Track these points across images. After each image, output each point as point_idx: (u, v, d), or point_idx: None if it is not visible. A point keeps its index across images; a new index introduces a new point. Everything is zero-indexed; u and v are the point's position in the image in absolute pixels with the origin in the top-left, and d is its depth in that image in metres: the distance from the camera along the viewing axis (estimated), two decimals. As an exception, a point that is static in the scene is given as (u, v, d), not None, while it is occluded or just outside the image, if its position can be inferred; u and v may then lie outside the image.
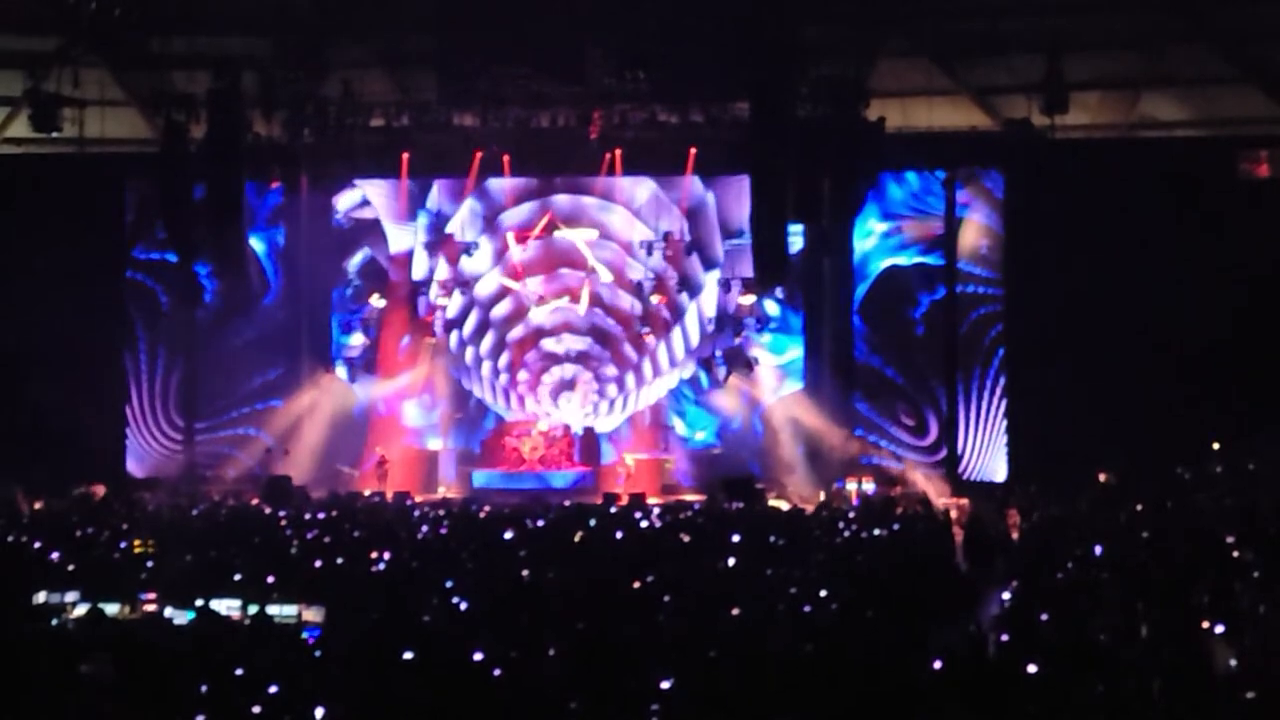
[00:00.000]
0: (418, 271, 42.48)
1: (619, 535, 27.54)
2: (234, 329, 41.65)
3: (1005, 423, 39.20)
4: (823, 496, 37.32)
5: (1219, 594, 18.47)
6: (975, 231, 39.97)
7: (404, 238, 42.53)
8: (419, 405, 42.88)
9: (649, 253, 41.44)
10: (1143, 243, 36.57)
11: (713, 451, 41.80)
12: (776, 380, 41.81)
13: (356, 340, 42.34)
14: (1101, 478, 34.65)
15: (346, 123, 39.94)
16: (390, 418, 42.71)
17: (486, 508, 33.24)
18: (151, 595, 19.53)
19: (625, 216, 42.01)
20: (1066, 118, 37.68)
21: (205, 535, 27.50)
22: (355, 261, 42.70)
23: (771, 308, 41.83)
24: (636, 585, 20.40)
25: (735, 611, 18.27)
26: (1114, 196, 37.00)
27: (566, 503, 34.83)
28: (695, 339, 42.32)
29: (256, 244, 41.46)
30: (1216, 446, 34.34)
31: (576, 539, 26.93)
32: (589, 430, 42.17)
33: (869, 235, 40.78)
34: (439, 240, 42.07)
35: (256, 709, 13.89)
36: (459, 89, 39.55)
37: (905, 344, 40.67)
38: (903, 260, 40.63)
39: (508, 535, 26.81)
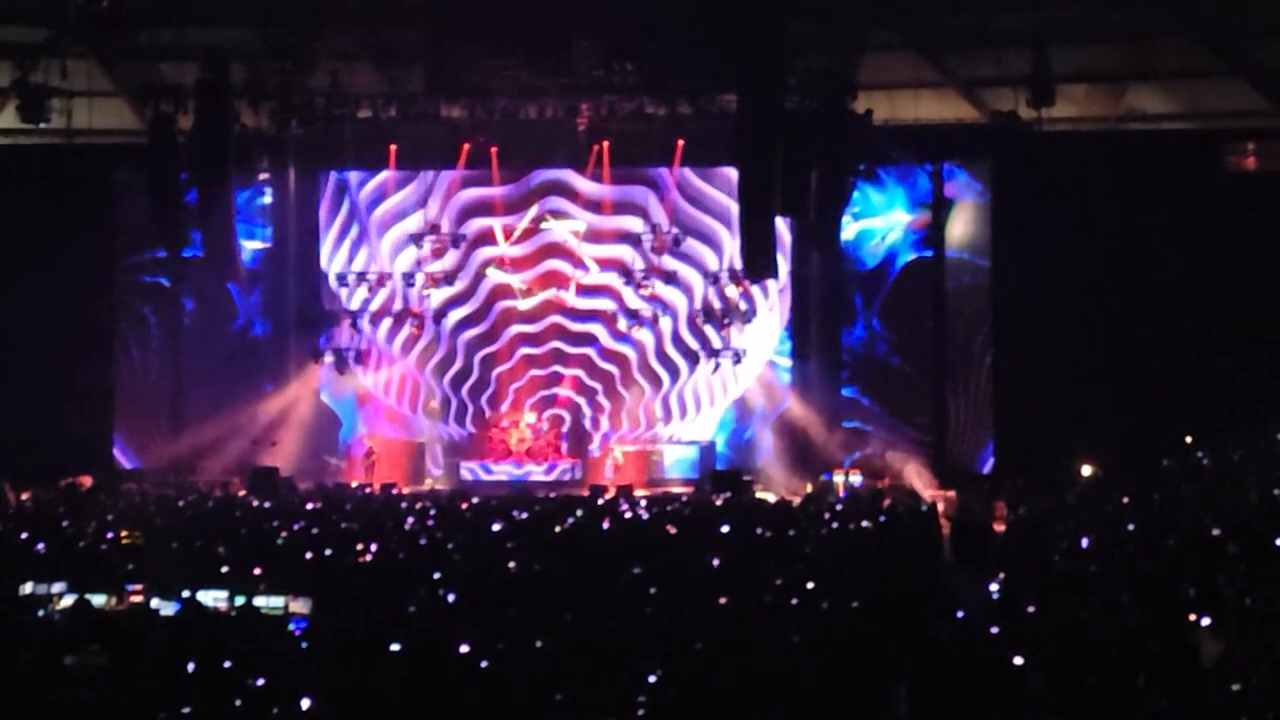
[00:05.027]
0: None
1: (605, 527, 27.57)
2: (221, 323, 41.71)
3: (993, 414, 39.21)
4: (810, 489, 37.32)
5: (1205, 586, 18.50)
6: (975, 219, 39.93)
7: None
8: (405, 397, 42.89)
9: (636, 245, 41.48)
10: (1129, 236, 36.65)
11: (701, 444, 41.74)
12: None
13: (344, 331, 42.21)
14: (1086, 469, 34.70)
15: (334, 114, 39.98)
16: (377, 409, 42.70)
17: (474, 499, 33.26)
18: (138, 586, 19.54)
19: (612, 208, 41.96)
20: (1053, 110, 37.72)
21: (192, 526, 27.50)
22: (342, 251, 42.63)
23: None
24: (623, 577, 20.42)
25: (722, 603, 18.29)
26: (1101, 189, 37.06)
27: (553, 495, 34.85)
28: (683, 332, 42.21)
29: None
30: (1189, 440, 34.44)
31: (560, 530, 26.97)
32: (577, 422, 42.14)
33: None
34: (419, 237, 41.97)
35: (242, 700, 13.90)
36: (446, 81, 39.51)
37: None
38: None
39: (495, 527, 26.81)
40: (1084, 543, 23.42)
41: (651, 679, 14.11)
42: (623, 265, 41.75)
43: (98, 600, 18.96)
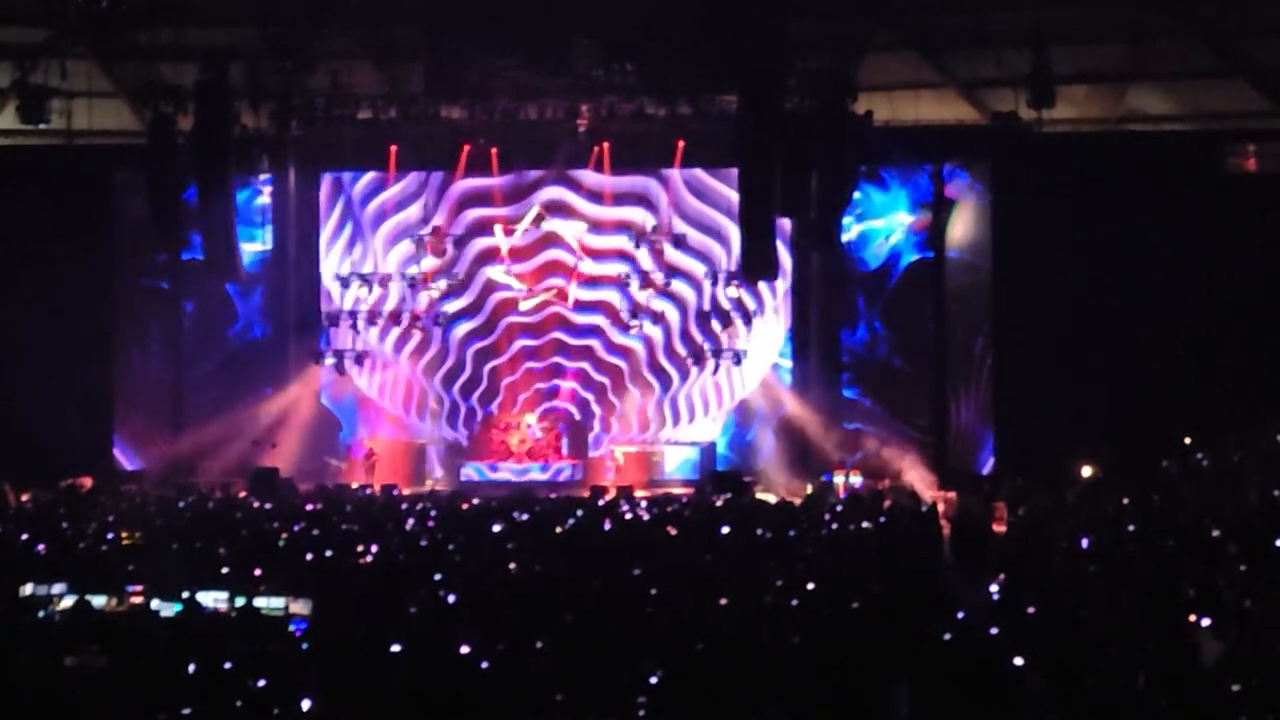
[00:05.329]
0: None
1: (606, 528, 27.55)
2: (221, 325, 41.76)
3: (993, 414, 39.19)
4: (810, 489, 37.30)
5: (1205, 587, 18.49)
6: (976, 220, 39.88)
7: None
8: (404, 398, 42.87)
9: (637, 245, 41.47)
10: (1129, 237, 36.63)
11: (702, 445, 41.71)
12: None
13: (344, 333, 42.18)
14: (1086, 469, 34.70)
15: (334, 114, 40.00)
16: (378, 410, 42.69)
17: (474, 500, 33.25)
18: (138, 587, 19.50)
19: (614, 200, 41.92)
20: (1053, 111, 37.72)
21: (192, 527, 27.48)
22: (338, 251, 42.62)
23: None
24: (624, 578, 20.40)
25: (722, 604, 18.28)
26: (1101, 191, 37.06)
27: (554, 495, 34.84)
28: (692, 328, 42.06)
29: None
30: (1189, 440, 34.45)
31: (561, 531, 26.96)
32: (577, 423, 42.10)
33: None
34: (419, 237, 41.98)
35: (243, 701, 13.89)
36: (446, 81, 39.52)
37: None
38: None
39: (495, 528, 26.80)
40: (1084, 543, 23.41)
41: (652, 680, 14.10)
42: (627, 260, 41.70)
43: (98, 601, 18.92)
